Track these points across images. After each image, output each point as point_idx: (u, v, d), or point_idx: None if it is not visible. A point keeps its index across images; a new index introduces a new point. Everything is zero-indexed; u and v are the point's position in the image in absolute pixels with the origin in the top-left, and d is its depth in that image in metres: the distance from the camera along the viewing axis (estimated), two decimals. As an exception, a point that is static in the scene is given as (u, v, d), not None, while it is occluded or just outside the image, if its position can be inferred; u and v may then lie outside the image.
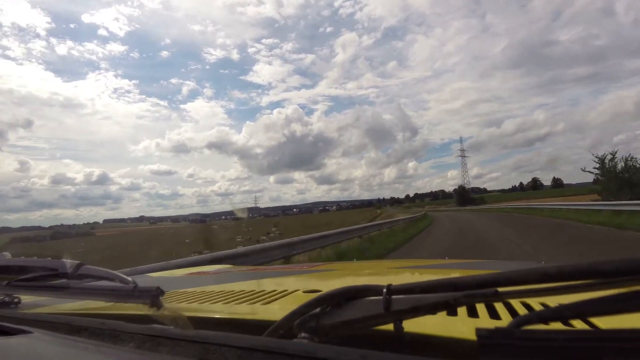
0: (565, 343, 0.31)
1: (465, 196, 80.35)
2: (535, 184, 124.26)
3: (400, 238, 10.31)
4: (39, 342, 0.52)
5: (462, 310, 0.51)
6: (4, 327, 0.59)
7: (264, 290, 0.78)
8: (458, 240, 9.63)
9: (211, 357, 0.40)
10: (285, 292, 0.75)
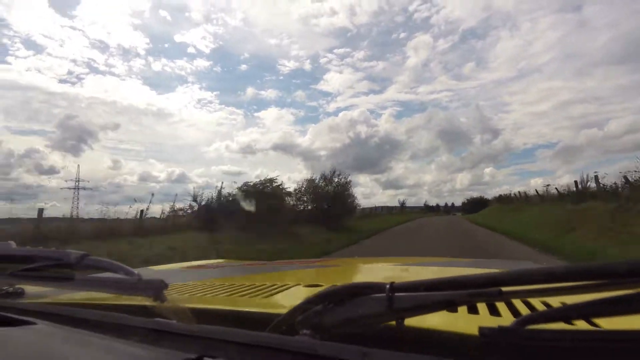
0: (570, 343, 0.30)
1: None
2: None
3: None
4: (42, 334, 0.53)
5: (461, 309, 0.51)
6: (7, 317, 0.60)
7: (265, 284, 0.79)
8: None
9: (213, 352, 0.40)
10: (287, 286, 0.75)
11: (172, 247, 7.53)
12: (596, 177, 11.67)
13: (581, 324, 0.43)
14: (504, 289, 0.34)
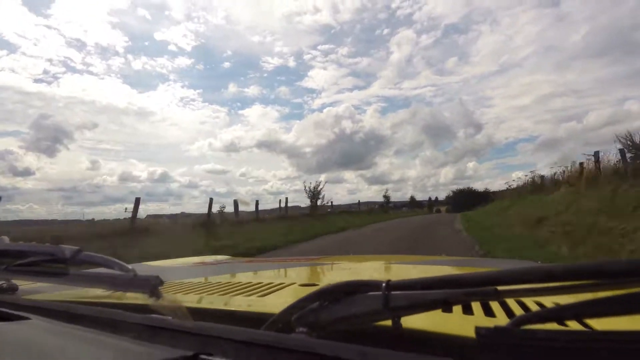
0: (565, 343, 0.30)
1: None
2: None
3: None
4: (36, 329, 0.52)
5: (457, 307, 0.51)
6: (1, 312, 0.59)
7: (261, 283, 0.79)
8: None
9: (209, 349, 0.40)
10: (282, 285, 0.75)
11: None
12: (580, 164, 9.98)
13: (577, 324, 0.43)
14: (500, 288, 0.34)
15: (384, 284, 0.39)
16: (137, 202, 9.26)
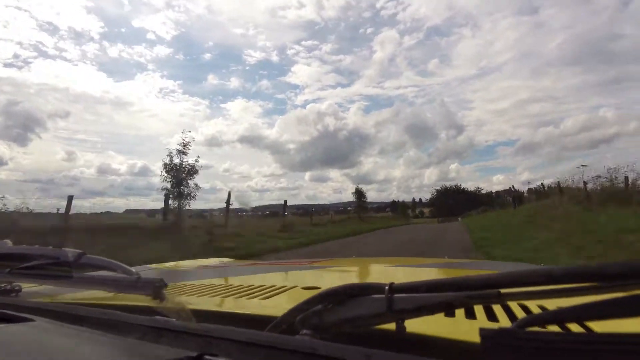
0: (569, 345, 0.30)
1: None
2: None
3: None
4: (40, 330, 0.52)
5: (460, 311, 0.51)
6: (5, 314, 0.60)
7: (263, 285, 0.79)
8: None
9: (213, 350, 0.40)
10: (285, 288, 0.76)
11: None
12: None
13: (581, 326, 0.43)
14: (503, 290, 0.35)
15: (386, 287, 0.39)
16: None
